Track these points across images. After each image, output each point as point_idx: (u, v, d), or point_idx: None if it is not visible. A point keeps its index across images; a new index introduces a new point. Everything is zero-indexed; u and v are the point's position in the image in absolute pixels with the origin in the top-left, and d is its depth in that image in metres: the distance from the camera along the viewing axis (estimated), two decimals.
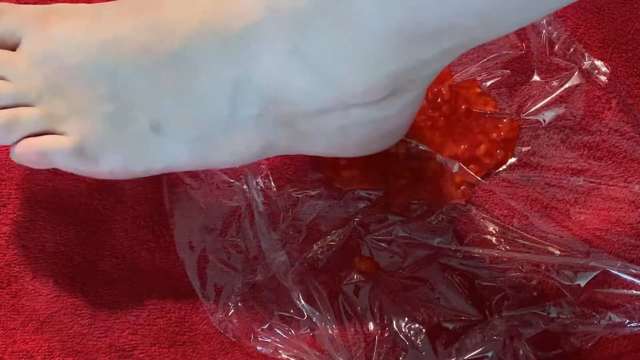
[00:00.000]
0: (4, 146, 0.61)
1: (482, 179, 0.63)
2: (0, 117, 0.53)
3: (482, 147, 0.63)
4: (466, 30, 0.47)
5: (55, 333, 0.58)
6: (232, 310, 0.59)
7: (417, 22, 0.46)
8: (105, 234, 0.61)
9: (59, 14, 0.55)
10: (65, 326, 0.58)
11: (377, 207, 0.62)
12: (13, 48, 0.55)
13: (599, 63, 0.67)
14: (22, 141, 0.53)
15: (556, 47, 0.67)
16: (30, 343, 0.58)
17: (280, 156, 0.62)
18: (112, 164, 0.55)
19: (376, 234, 0.61)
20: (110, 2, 0.55)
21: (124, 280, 0.60)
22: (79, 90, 0.53)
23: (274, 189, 0.62)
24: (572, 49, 0.67)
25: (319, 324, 0.58)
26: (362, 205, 0.62)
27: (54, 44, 0.54)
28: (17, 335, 0.58)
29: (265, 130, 0.54)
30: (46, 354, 0.57)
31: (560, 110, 0.65)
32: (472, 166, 0.63)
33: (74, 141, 0.54)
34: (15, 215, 0.60)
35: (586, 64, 0.66)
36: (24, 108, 0.53)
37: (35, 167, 0.56)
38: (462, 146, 0.63)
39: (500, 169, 0.64)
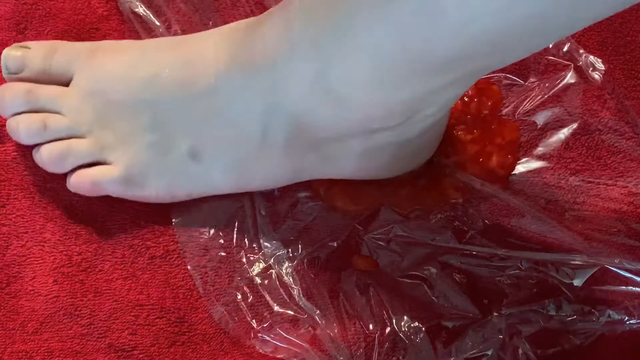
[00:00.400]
0: (3, 147, 0.61)
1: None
2: (55, 149, 0.58)
3: (494, 158, 0.63)
4: (479, 58, 0.49)
5: (55, 333, 0.58)
6: (232, 308, 0.59)
7: (432, 52, 0.48)
8: (105, 234, 0.61)
9: (105, 51, 0.60)
10: (65, 326, 0.58)
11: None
12: (67, 83, 0.59)
13: (594, 59, 0.67)
14: (76, 172, 0.59)
15: (550, 44, 0.67)
16: (29, 343, 0.58)
17: None
18: (157, 189, 0.59)
19: (375, 233, 0.61)
20: (152, 41, 0.60)
21: (123, 281, 0.60)
22: (124, 122, 0.58)
23: (277, 192, 0.62)
24: (566, 46, 0.67)
25: (319, 323, 0.58)
26: None
27: (100, 79, 0.58)
28: (16, 336, 0.58)
29: (294, 155, 0.57)
30: (45, 354, 0.57)
31: (557, 110, 0.65)
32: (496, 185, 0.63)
33: (121, 170, 0.58)
34: (14, 216, 0.61)
35: (581, 60, 0.66)
36: (75, 140, 0.59)
37: (88, 194, 0.60)
38: (479, 160, 0.63)
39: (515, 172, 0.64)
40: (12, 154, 0.62)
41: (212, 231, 0.61)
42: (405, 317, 0.59)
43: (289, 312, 0.59)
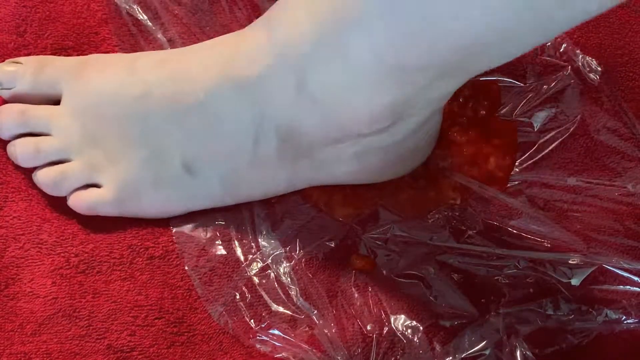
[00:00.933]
0: (1, 150, 0.62)
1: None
2: (49, 175, 0.60)
3: (492, 160, 0.63)
4: (454, 64, 0.51)
5: (54, 335, 0.58)
6: (231, 308, 0.59)
7: (407, 61, 0.50)
8: (104, 234, 0.61)
9: (93, 66, 0.60)
10: (63, 328, 0.58)
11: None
12: (58, 97, 0.60)
13: (590, 60, 0.67)
14: (72, 196, 0.60)
15: (547, 44, 0.67)
16: (28, 345, 0.58)
17: None
18: (154, 204, 0.60)
19: (373, 232, 0.61)
20: (140, 55, 0.61)
21: (121, 281, 0.60)
22: (115, 139, 0.58)
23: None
24: (563, 47, 0.67)
25: (317, 323, 0.58)
26: None
27: (89, 95, 0.59)
28: (15, 338, 0.58)
29: (287, 162, 0.58)
30: (44, 356, 0.57)
31: (554, 111, 0.65)
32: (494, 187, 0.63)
33: (112, 192, 0.59)
34: (11, 217, 0.61)
35: (579, 61, 0.67)
36: (68, 165, 0.59)
37: (88, 215, 0.61)
38: (476, 162, 0.63)
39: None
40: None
41: (210, 231, 0.61)
42: (403, 317, 0.59)
43: (287, 312, 0.59)
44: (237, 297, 0.59)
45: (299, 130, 0.56)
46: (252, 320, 0.59)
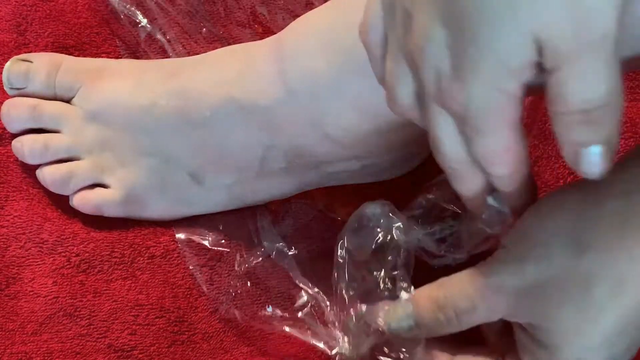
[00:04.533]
0: (4, 149, 0.62)
1: None
2: (57, 172, 0.59)
3: None
4: None
5: (54, 334, 0.58)
6: (235, 299, 0.59)
7: None
8: (105, 234, 0.61)
9: (109, 74, 0.60)
10: (64, 327, 0.58)
11: None
12: (70, 97, 0.60)
13: None
14: (78, 195, 0.60)
15: None
16: (29, 344, 0.58)
17: None
18: (159, 209, 0.60)
19: None
20: (152, 65, 0.61)
21: (122, 281, 0.60)
22: (124, 146, 0.59)
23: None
24: None
25: (322, 307, 0.58)
26: None
27: (103, 103, 0.59)
28: (16, 337, 0.58)
29: (295, 174, 0.59)
30: (45, 355, 0.57)
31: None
32: None
33: (121, 194, 0.59)
34: (12, 217, 0.61)
35: None
36: (76, 164, 0.60)
37: (91, 214, 0.61)
38: None
39: None
40: (11, 156, 0.62)
41: (211, 229, 0.61)
42: None
43: (292, 297, 0.59)
44: (241, 289, 0.59)
45: (309, 154, 0.56)
46: (255, 305, 0.58)
